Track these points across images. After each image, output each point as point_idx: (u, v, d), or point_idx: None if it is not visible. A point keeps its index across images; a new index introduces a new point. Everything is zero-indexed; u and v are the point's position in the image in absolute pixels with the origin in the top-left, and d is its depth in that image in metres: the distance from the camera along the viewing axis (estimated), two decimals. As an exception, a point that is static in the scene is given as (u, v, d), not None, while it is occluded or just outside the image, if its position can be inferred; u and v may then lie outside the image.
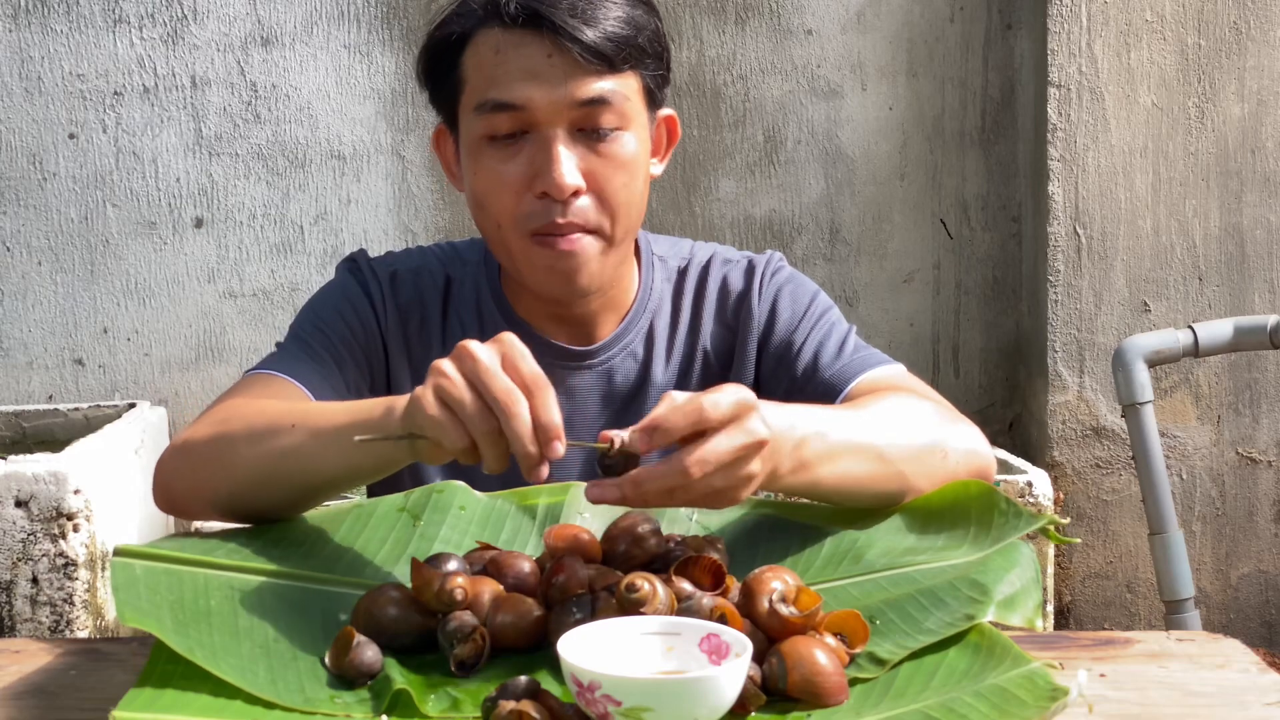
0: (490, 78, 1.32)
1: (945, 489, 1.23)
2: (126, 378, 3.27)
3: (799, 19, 3.24)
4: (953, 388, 3.32)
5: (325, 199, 3.26)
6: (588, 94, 1.31)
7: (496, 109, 1.31)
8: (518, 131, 1.32)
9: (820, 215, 3.28)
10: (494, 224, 1.36)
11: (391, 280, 1.45)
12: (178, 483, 1.29)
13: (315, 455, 1.15)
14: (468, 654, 1.01)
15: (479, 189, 1.35)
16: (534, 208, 1.33)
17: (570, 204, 1.32)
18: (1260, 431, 3.12)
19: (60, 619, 2.58)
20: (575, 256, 1.34)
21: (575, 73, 1.30)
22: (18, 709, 1.03)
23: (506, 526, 1.21)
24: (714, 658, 0.96)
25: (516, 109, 1.31)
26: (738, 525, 1.22)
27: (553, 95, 1.30)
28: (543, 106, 1.31)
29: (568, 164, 1.31)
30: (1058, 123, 3.03)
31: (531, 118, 1.31)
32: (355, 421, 1.12)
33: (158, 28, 3.21)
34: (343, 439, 1.12)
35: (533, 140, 1.32)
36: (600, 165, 1.33)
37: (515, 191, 1.33)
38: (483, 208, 1.36)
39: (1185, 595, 2.54)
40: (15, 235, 3.25)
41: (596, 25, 1.30)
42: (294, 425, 1.17)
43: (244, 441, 1.20)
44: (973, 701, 0.94)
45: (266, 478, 1.18)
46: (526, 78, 1.30)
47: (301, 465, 1.16)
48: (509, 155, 1.33)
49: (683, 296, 1.49)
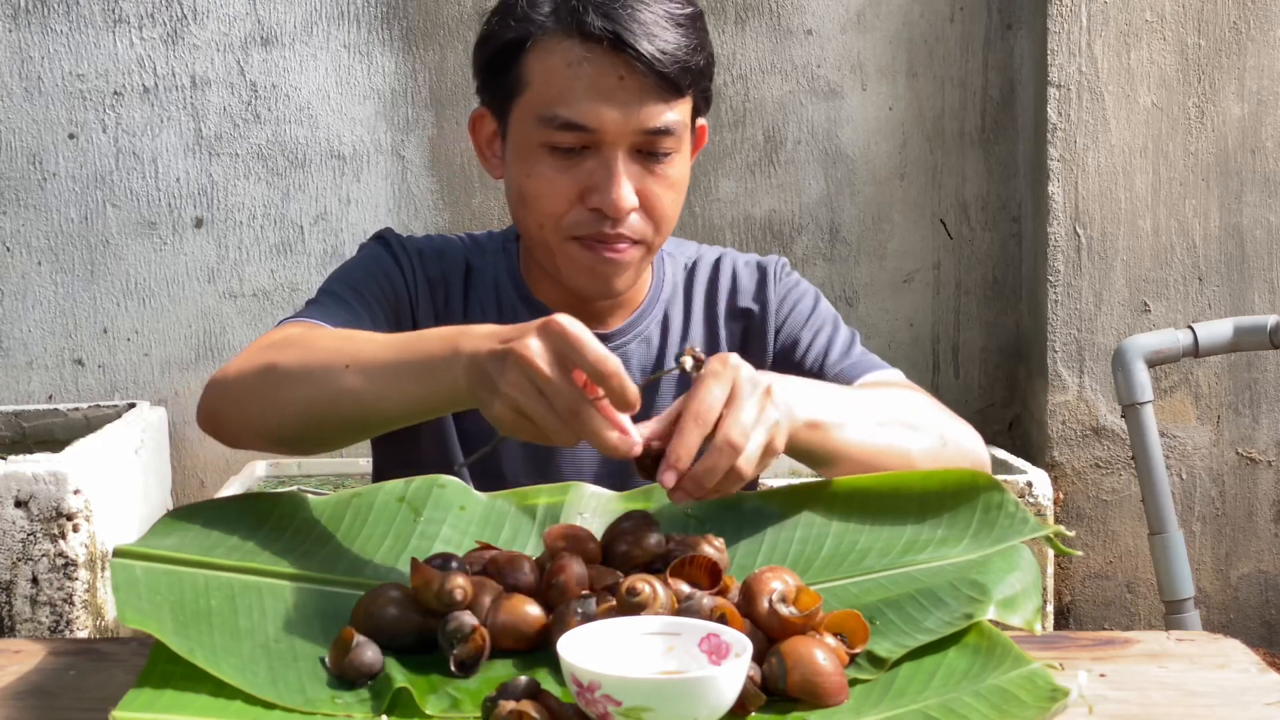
0: (560, 92, 1.31)
1: (950, 476, 1.22)
2: (126, 378, 3.27)
3: (799, 19, 3.24)
4: (953, 388, 3.32)
5: (325, 199, 3.26)
6: (655, 123, 1.32)
7: (564, 126, 1.31)
8: (578, 146, 1.32)
9: (820, 215, 3.28)
10: (535, 224, 1.36)
11: (420, 255, 1.46)
12: (226, 414, 1.27)
13: (375, 396, 1.15)
14: (468, 654, 1.01)
15: (528, 190, 1.35)
16: (583, 217, 1.34)
17: (621, 221, 1.34)
18: (1260, 431, 3.12)
19: (60, 619, 2.58)
20: (617, 263, 1.36)
21: (645, 98, 1.31)
22: (18, 709, 1.03)
23: (506, 526, 1.21)
24: (714, 658, 0.96)
25: (584, 130, 1.31)
26: (737, 525, 1.22)
27: (622, 119, 1.31)
28: (610, 130, 1.31)
29: (627, 186, 1.32)
30: (1058, 123, 3.03)
31: (596, 138, 1.31)
32: (414, 362, 1.12)
33: (158, 28, 3.21)
34: (400, 378, 1.12)
35: (593, 157, 1.32)
36: (653, 184, 1.34)
37: (568, 200, 1.34)
38: (527, 206, 1.36)
39: (1185, 595, 2.54)
40: (15, 235, 3.25)
41: (668, 51, 1.30)
42: (347, 366, 1.16)
43: (297, 379, 1.20)
44: (973, 702, 0.95)
45: (321, 416, 1.19)
46: (598, 98, 1.30)
47: (360, 406, 1.16)
48: (566, 166, 1.33)
49: (694, 289, 1.52)
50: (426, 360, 1.11)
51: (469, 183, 3.24)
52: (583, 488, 1.24)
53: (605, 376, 1.01)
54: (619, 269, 1.37)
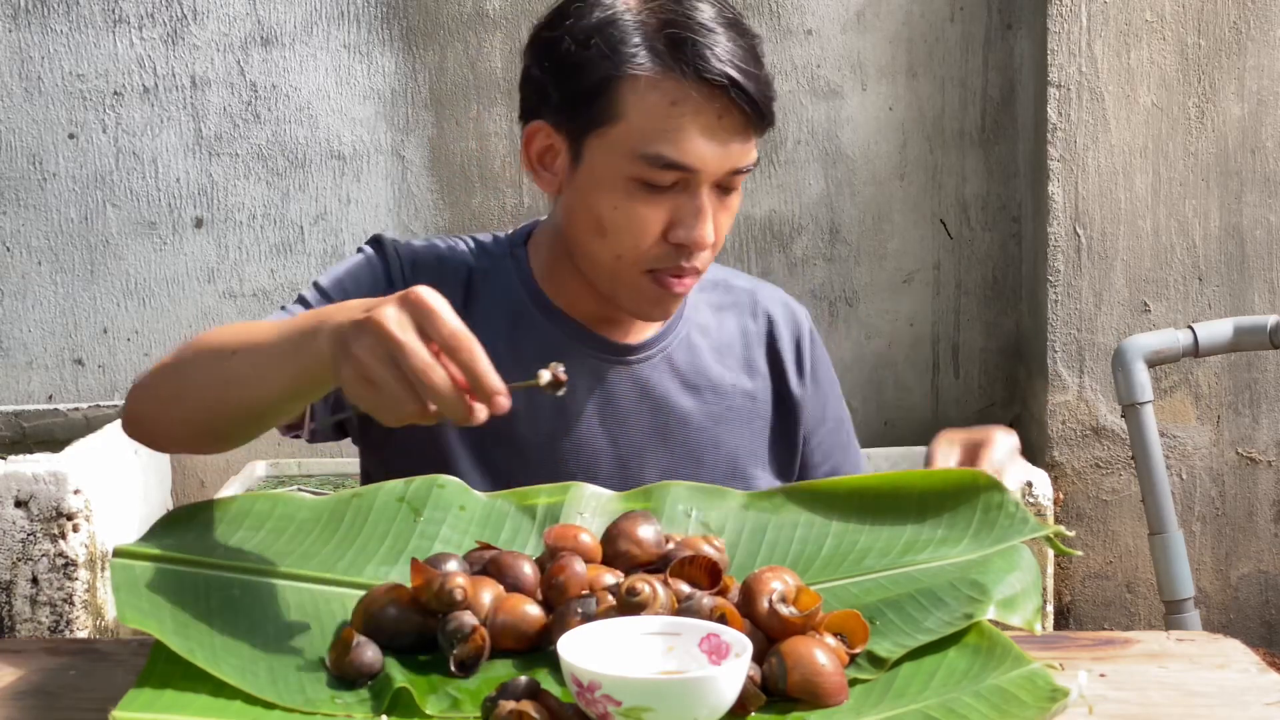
0: (663, 130, 1.29)
1: (950, 476, 1.23)
2: (126, 378, 3.27)
3: (799, 19, 3.24)
4: (953, 388, 3.32)
5: (325, 199, 3.26)
6: (746, 161, 1.33)
7: (668, 166, 1.30)
8: (671, 184, 1.32)
9: (820, 215, 3.28)
10: (612, 254, 1.35)
11: (413, 266, 1.44)
12: (142, 414, 1.28)
13: (256, 379, 1.13)
14: (468, 654, 1.01)
15: (612, 222, 1.33)
16: (663, 250, 1.33)
17: (701, 254, 1.34)
18: (1260, 431, 3.12)
19: (60, 619, 2.58)
20: (681, 295, 1.37)
21: (739, 136, 1.31)
22: (18, 709, 1.03)
23: (506, 526, 1.21)
24: (714, 658, 0.96)
25: (687, 170, 1.30)
26: (737, 525, 1.22)
27: (721, 158, 1.31)
28: (710, 170, 1.31)
29: (710, 223, 1.33)
30: (1058, 123, 3.03)
31: (694, 178, 1.31)
32: (288, 338, 1.10)
33: (158, 28, 3.21)
34: (275, 357, 1.10)
35: (681, 193, 1.32)
36: (723, 216, 1.35)
37: (653, 236, 1.33)
38: (606, 236, 1.34)
39: (1185, 595, 2.54)
40: (15, 235, 3.25)
41: (759, 89, 1.31)
42: (234, 352, 1.15)
43: (194, 368, 1.20)
44: (973, 702, 0.95)
45: (214, 404, 1.18)
46: (701, 137, 1.29)
47: (244, 390, 1.14)
48: (657, 201, 1.32)
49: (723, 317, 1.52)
50: (298, 335, 1.09)
51: (469, 183, 3.24)
52: (583, 488, 1.25)
53: (456, 350, 0.99)
54: (680, 299, 1.38)
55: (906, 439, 3.27)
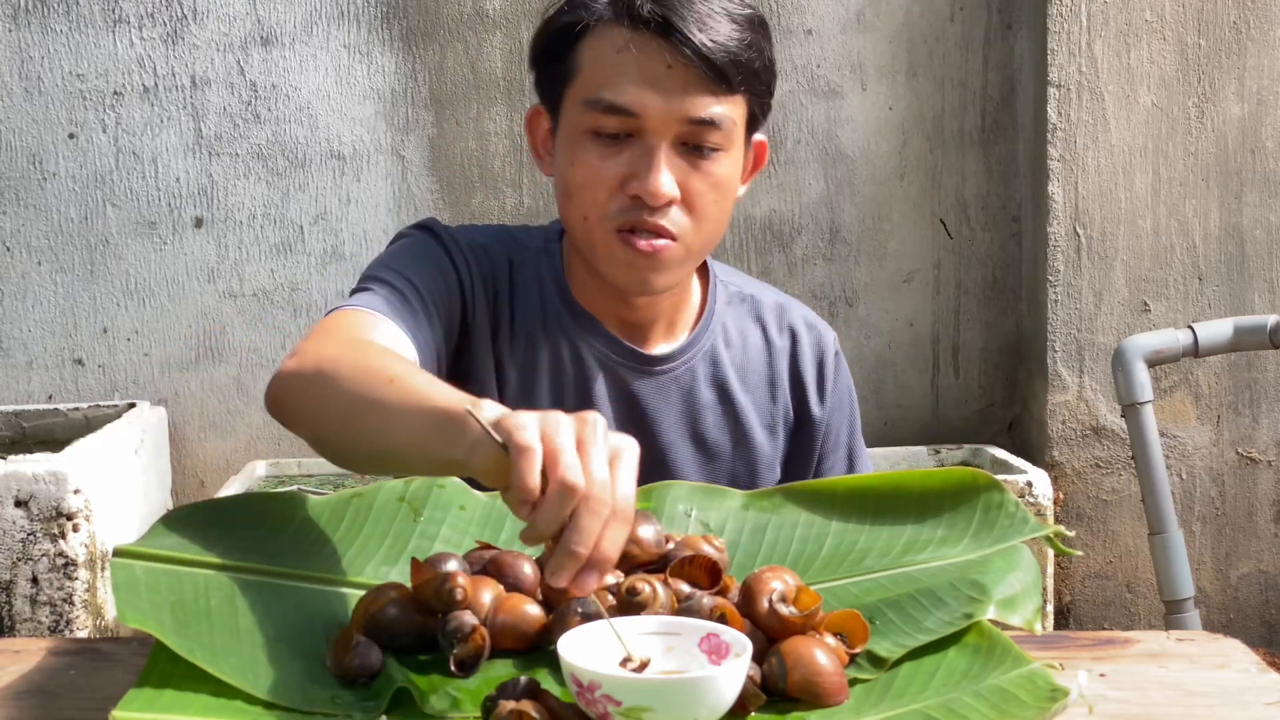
0: (606, 76, 1.32)
1: (950, 476, 1.23)
2: (126, 378, 3.27)
3: (799, 19, 3.24)
4: (953, 388, 3.32)
5: (325, 199, 3.26)
6: (699, 113, 1.32)
7: (608, 110, 1.32)
8: (623, 133, 1.33)
9: (820, 215, 3.28)
10: (580, 215, 1.36)
11: (473, 251, 1.43)
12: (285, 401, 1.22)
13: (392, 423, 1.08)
14: (468, 654, 1.01)
15: (573, 179, 1.36)
16: (623, 204, 1.34)
17: (660, 210, 1.34)
18: (1260, 431, 3.12)
19: (60, 619, 2.58)
20: (655, 259, 1.36)
21: (691, 88, 1.31)
22: (18, 709, 1.03)
23: (506, 526, 1.21)
24: (714, 658, 0.96)
25: (628, 114, 1.32)
26: (737, 525, 1.22)
27: (666, 107, 1.31)
28: (654, 116, 1.31)
29: (667, 175, 1.32)
30: (1057, 123, 3.03)
31: (640, 124, 1.32)
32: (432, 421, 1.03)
33: (157, 28, 3.21)
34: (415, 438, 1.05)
35: (636, 144, 1.33)
36: (696, 181, 1.35)
37: (609, 188, 1.34)
38: (571, 197, 1.36)
39: (1185, 595, 2.54)
40: (15, 235, 3.25)
41: (719, 44, 1.31)
42: (391, 380, 1.10)
43: (343, 379, 1.15)
44: (973, 702, 0.95)
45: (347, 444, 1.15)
46: (643, 84, 1.31)
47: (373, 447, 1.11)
48: (610, 153, 1.33)
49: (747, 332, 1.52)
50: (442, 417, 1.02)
51: (469, 183, 3.24)
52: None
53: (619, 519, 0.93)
54: (657, 265, 1.36)
55: (906, 439, 3.27)
